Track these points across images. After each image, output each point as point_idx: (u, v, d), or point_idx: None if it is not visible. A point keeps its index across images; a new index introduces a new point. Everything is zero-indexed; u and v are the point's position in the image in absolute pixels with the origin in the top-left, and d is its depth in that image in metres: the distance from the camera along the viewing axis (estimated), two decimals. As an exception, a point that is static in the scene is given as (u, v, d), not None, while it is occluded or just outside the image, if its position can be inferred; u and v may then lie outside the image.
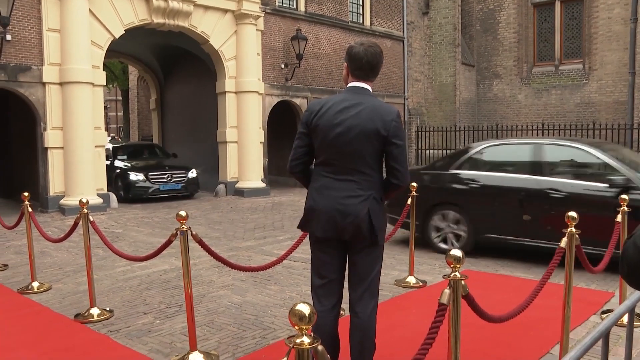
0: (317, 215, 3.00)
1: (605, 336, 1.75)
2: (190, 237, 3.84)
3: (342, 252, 3.07)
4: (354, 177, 2.95)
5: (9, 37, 10.27)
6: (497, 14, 20.55)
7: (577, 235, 3.55)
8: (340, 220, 2.93)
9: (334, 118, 2.94)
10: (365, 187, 2.95)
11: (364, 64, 3.00)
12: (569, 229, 3.55)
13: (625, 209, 4.59)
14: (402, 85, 19.71)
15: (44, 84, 10.74)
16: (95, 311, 4.81)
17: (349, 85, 3.08)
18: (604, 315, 4.63)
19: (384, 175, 3.06)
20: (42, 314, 4.95)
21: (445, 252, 2.51)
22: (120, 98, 38.67)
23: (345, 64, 3.11)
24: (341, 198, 2.94)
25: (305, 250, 7.21)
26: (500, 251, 7.17)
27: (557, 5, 19.27)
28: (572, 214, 3.58)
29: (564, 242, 3.53)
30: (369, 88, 3.06)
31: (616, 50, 17.70)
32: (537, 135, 18.07)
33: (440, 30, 20.44)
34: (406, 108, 19.60)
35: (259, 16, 14.23)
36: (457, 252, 2.37)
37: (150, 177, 13.39)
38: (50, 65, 10.79)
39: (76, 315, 4.83)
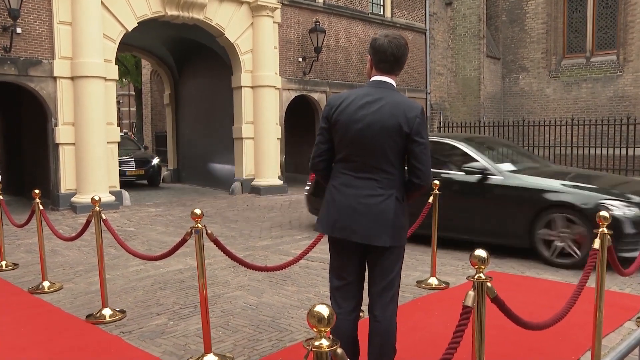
0: (337, 214, 2.98)
1: (641, 343, 1.72)
2: (205, 235, 3.86)
3: (362, 253, 3.03)
4: (375, 175, 2.93)
5: (19, 30, 10.39)
6: (524, 4, 20.34)
7: (609, 237, 3.49)
8: (359, 219, 2.90)
9: (355, 113, 2.92)
10: (386, 185, 2.93)
11: (388, 57, 2.97)
12: (600, 230, 3.49)
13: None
14: (424, 79, 19.60)
15: (55, 78, 10.86)
16: (107, 312, 4.86)
17: (372, 79, 3.05)
18: None
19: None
20: (53, 314, 5.01)
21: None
22: (133, 93, 39.01)
23: (369, 56, 3.06)
24: (361, 197, 2.92)
25: (323, 250, 7.22)
26: (526, 252, 7.10)
27: (589, -7, 19.03)
28: (604, 213, 3.52)
29: (597, 244, 3.46)
30: (393, 82, 3.03)
31: (654, 40, 17.41)
32: (567, 131, 17.88)
33: (464, 21, 20.30)
34: (428, 103, 19.49)
35: (276, 8, 14.24)
36: (481, 253, 2.34)
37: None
38: (62, 59, 10.90)
39: (88, 316, 4.88)
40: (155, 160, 16.96)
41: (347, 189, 2.96)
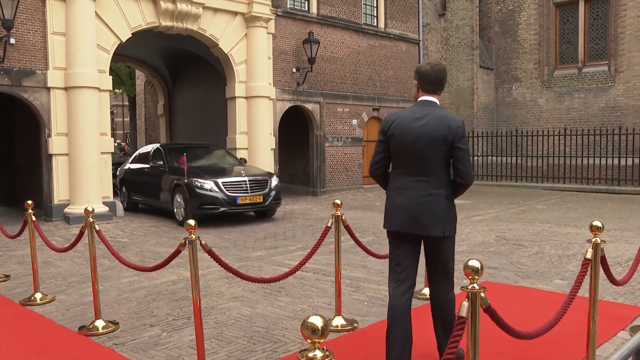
0: (398, 212, 3.58)
1: (635, 353, 1.72)
2: (199, 246, 3.85)
3: (417, 245, 3.65)
4: (427, 178, 3.52)
5: (12, 40, 10.39)
6: (516, 15, 20.49)
7: (602, 247, 3.50)
8: (418, 216, 3.50)
9: (408, 127, 3.53)
10: (437, 186, 3.52)
11: (432, 79, 3.61)
12: (594, 239, 3.50)
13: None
14: (417, 89, 19.66)
15: (48, 88, 10.83)
16: (100, 323, 4.83)
17: (420, 99, 3.67)
18: (634, 331, 4.56)
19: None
20: (45, 326, 4.97)
21: None
22: (127, 103, 38.96)
23: (415, 82, 3.71)
24: (418, 197, 3.52)
25: (318, 261, 7.22)
26: (518, 263, 7.12)
27: (581, 4, 19.16)
28: (597, 223, 3.54)
29: (589, 254, 3.48)
30: (437, 101, 3.65)
31: (645, 51, 17.51)
32: (560, 141, 17.97)
33: (458, 32, 20.44)
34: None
35: (270, 19, 14.30)
36: (475, 263, 2.35)
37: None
38: (55, 69, 10.88)
39: (80, 328, 4.85)
40: (275, 181, 11.63)
41: (405, 191, 3.58)
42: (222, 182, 10.75)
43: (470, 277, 2.33)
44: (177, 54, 16.53)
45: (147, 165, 12.57)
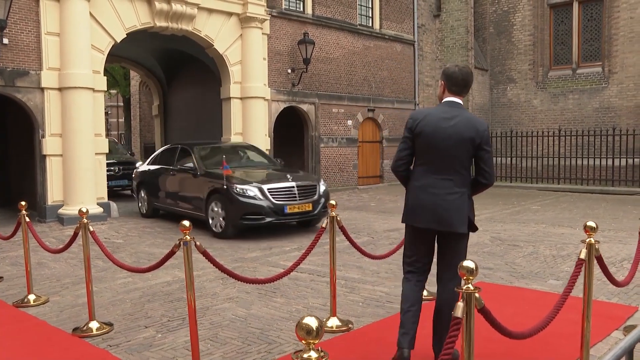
0: (422, 209, 3.70)
1: (628, 353, 1.73)
2: (193, 247, 3.84)
3: (433, 240, 3.83)
4: (452, 176, 3.66)
5: (5, 40, 10.35)
6: (511, 16, 20.55)
7: (597, 247, 3.52)
8: (442, 213, 3.63)
9: (436, 126, 3.65)
10: (460, 184, 3.67)
11: (459, 81, 3.74)
12: (588, 240, 3.52)
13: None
14: (412, 90, 19.73)
15: (42, 89, 10.80)
16: (94, 325, 4.81)
17: (445, 99, 3.79)
18: (627, 331, 4.58)
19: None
20: (39, 327, 4.95)
21: None
22: (121, 104, 38.89)
23: (442, 82, 3.82)
24: (443, 195, 3.65)
25: (313, 262, 7.22)
26: (512, 263, 7.14)
27: (575, 6, 19.23)
28: (591, 223, 3.56)
29: (583, 254, 3.49)
30: (462, 102, 3.78)
31: (638, 52, 17.59)
32: (554, 141, 18.03)
33: (452, 33, 20.47)
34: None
35: (265, 19, 14.30)
36: (470, 264, 2.35)
37: None
38: (49, 70, 10.85)
39: (74, 329, 4.83)
40: (323, 187, 10.19)
41: (430, 189, 3.69)
42: (268, 189, 9.31)
43: (465, 277, 2.33)
44: (172, 54, 16.50)
45: (172, 167, 11.07)
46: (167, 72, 18.17)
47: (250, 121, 14.19)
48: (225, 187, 9.30)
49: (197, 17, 13.11)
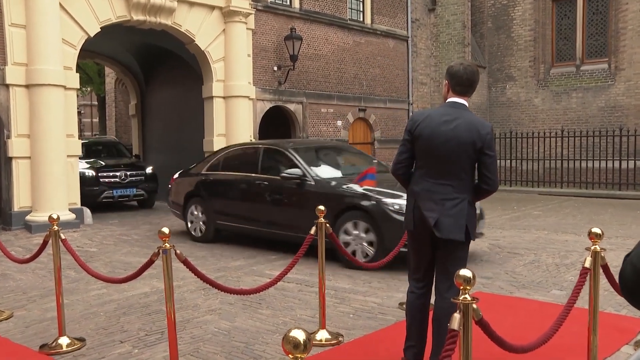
0: (421, 215, 3.73)
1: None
2: (173, 256, 3.82)
3: (435, 247, 3.83)
4: (451, 181, 3.70)
5: (-32, 34, 10.26)
6: (511, 10, 20.66)
7: (603, 255, 3.52)
8: (443, 219, 3.66)
9: (436, 129, 3.68)
10: (460, 190, 3.70)
11: (464, 81, 3.75)
12: (593, 247, 3.52)
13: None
14: (406, 89, 19.77)
15: (7, 85, 10.67)
16: (64, 340, 4.76)
17: (449, 100, 3.82)
18: (638, 346, 4.57)
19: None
20: (1, 345, 4.87)
21: None
22: (95, 103, 38.67)
23: (446, 81, 3.84)
24: (442, 201, 3.68)
25: (300, 271, 7.20)
26: (513, 272, 7.16)
27: (579, -1, 19.31)
28: (597, 230, 3.57)
29: (588, 262, 3.50)
30: (466, 104, 3.81)
31: (647, 47, 17.67)
32: (557, 143, 18.13)
33: (448, 28, 20.56)
34: (410, 114, 19.63)
35: (250, 14, 14.29)
36: (467, 272, 2.35)
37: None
38: (15, 65, 10.73)
39: (42, 346, 4.77)
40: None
41: (428, 194, 3.74)
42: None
43: (462, 287, 2.33)
44: (150, 50, 16.44)
45: (257, 175, 9.11)
46: (145, 69, 18.10)
47: (234, 122, 14.17)
48: (374, 202, 7.50)
49: (177, 11, 13.08)
